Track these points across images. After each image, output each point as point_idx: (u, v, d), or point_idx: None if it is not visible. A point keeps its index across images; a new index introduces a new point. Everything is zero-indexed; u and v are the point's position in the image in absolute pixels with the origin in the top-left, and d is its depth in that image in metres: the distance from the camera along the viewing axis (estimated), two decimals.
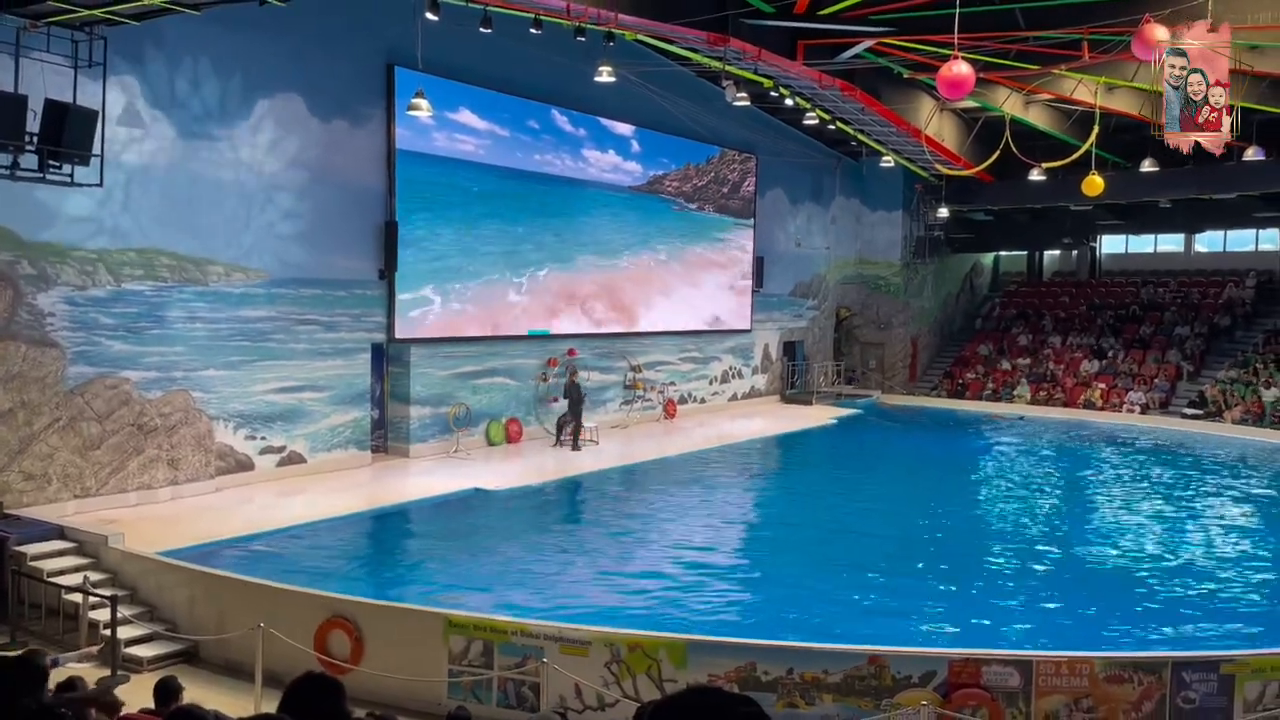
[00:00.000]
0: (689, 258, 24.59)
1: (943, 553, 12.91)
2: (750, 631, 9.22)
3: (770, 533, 14.26)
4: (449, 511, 14.43)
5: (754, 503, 16.84)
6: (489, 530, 13.57)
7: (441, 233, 18.07)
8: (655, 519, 14.64)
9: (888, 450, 21.85)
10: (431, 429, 18.08)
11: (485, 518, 14.25)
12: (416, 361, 17.78)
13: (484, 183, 18.91)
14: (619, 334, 22.46)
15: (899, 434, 24.16)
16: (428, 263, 17.81)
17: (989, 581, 11.80)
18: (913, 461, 20.37)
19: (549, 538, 13.30)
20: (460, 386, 18.64)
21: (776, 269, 28.03)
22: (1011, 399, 28.28)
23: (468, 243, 18.58)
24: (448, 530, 13.60)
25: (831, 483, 17.81)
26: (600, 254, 21.76)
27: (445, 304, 18.19)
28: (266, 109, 15.21)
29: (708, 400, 25.69)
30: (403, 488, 15.55)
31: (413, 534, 13.69)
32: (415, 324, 17.63)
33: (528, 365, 20.11)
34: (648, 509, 15.53)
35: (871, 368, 31.29)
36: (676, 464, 18.74)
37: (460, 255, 18.45)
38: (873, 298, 31.13)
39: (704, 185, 25.08)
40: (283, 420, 15.60)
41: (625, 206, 22.46)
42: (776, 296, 28.26)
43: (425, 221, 17.71)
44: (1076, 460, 20.73)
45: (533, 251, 20.01)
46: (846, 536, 13.64)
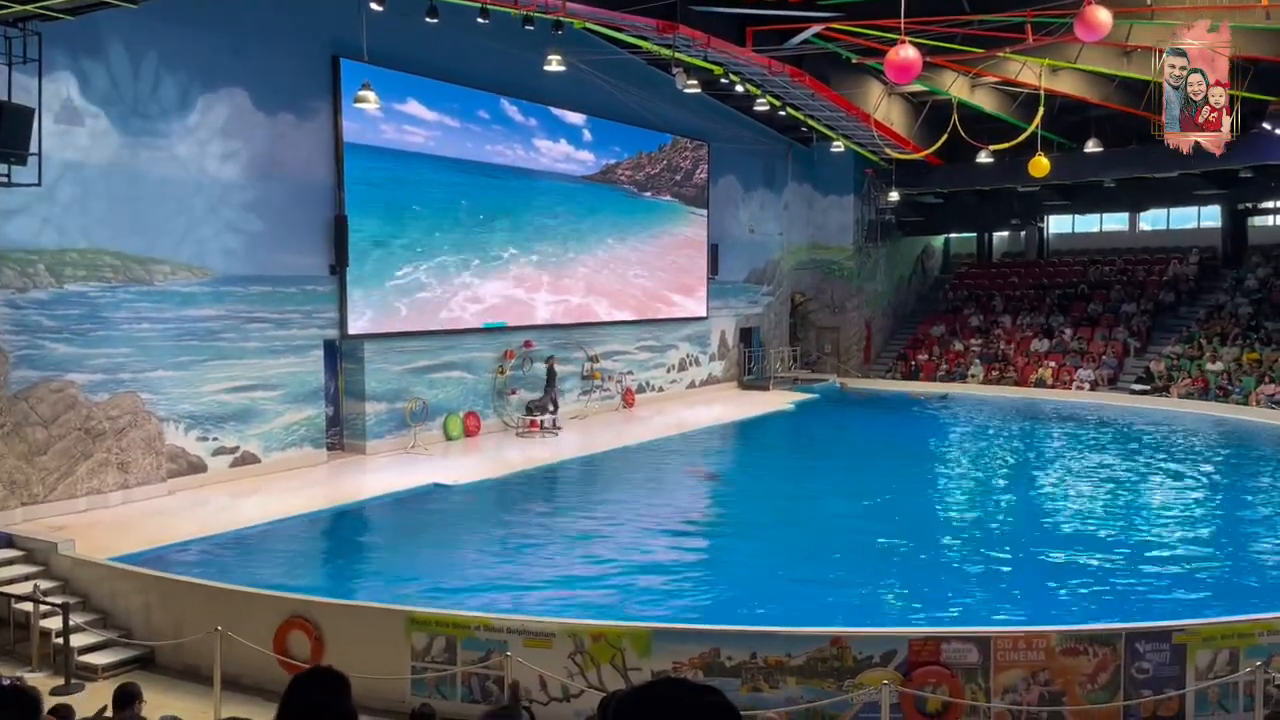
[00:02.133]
0: (643, 246, 24.59)
1: (901, 532, 13.08)
2: (713, 618, 9.28)
3: (731, 519, 14.35)
4: (408, 508, 14.34)
5: (714, 490, 16.92)
6: (449, 525, 13.51)
7: (393, 226, 17.90)
8: (616, 509, 14.65)
9: (845, 433, 22.06)
10: (388, 425, 17.95)
11: (445, 513, 14.17)
12: (370, 357, 17.63)
13: (435, 175, 18.75)
14: (575, 324, 22.40)
15: (855, 417, 24.42)
16: (379, 257, 17.64)
17: (946, 560, 11.98)
18: (869, 444, 20.59)
19: (510, 531, 13.27)
20: (416, 381, 18.51)
21: (731, 256, 28.13)
22: (965, 379, 28.69)
23: (420, 235, 18.43)
24: (407, 527, 13.51)
25: (791, 467, 17.97)
26: (554, 244, 21.70)
27: (399, 298, 18.03)
28: (210, 104, 14.93)
29: (666, 389, 25.75)
30: (360, 485, 15.44)
31: (371, 531, 13.59)
32: (368, 319, 17.46)
33: (484, 358, 20.01)
34: (608, 499, 15.54)
35: (827, 352, 31.53)
36: (636, 453, 18.77)
37: (412, 248, 18.30)
38: (827, 282, 31.36)
39: (656, 173, 25.06)
40: (235, 420, 15.40)
41: (578, 196, 22.40)
42: (732, 283, 28.37)
43: (376, 215, 17.53)
44: (1029, 438, 21.11)
45: (486, 243, 19.90)
46: (807, 520, 13.79)
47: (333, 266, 16.81)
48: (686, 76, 19.57)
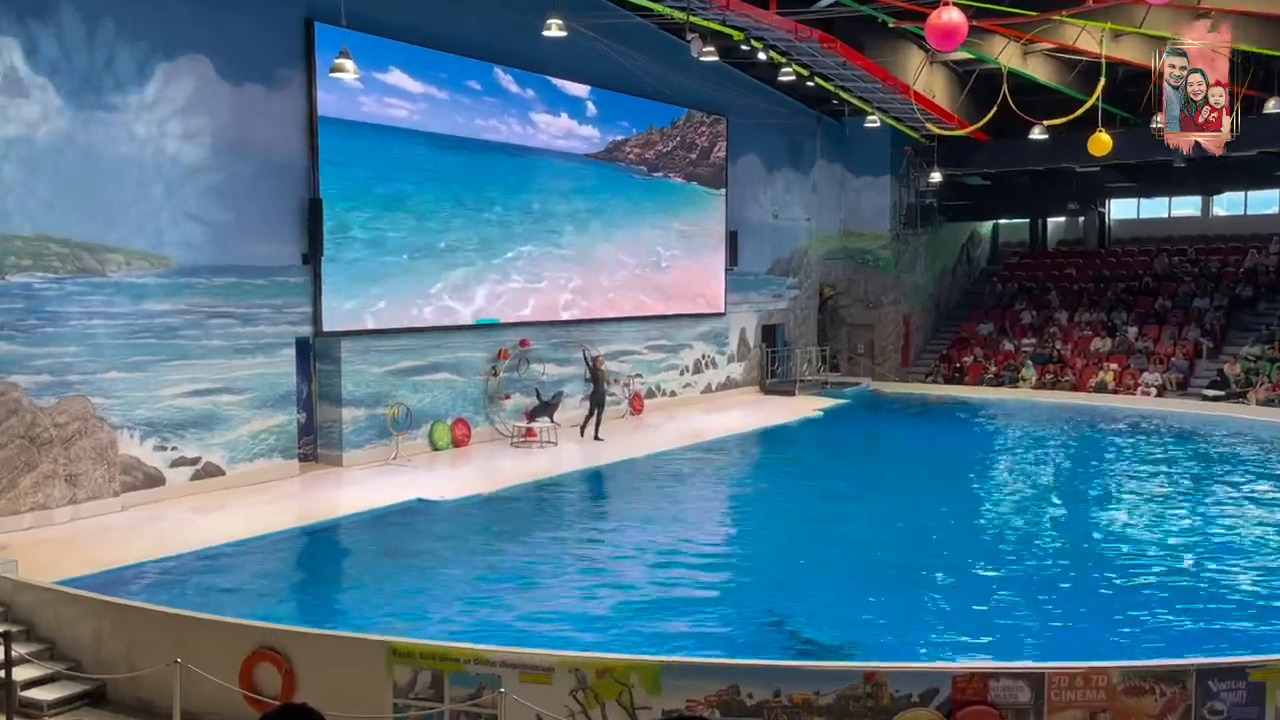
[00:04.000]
0: (653, 233, 24.62)
1: (944, 556, 13.07)
2: (732, 652, 9.26)
3: (752, 541, 14.34)
4: (389, 526, 14.37)
5: (733, 507, 16.95)
6: (435, 546, 13.55)
7: (373, 210, 17.97)
8: (622, 528, 14.68)
9: (881, 444, 22.04)
10: (367, 433, 18.00)
11: (430, 532, 14.21)
12: (348, 357, 17.68)
13: (420, 152, 18.80)
14: (577, 320, 22.47)
15: (892, 426, 24.40)
16: (358, 245, 17.70)
17: (995, 587, 11.96)
18: (907, 457, 20.58)
19: (503, 553, 13.29)
20: (399, 384, 18.55)
21: (752, 244, 28.12)
22: (1016, 383, 28.64)
23: (403, 221, 18.49)
24: (389, 546, 13.51)
25: (819, 483, 17.94)
26: (554, 230, 21.74)
27: (380, 291, 18.09)
28: (171, 75, 15.00)
29: (678, 393, 25.75)
30: (336, 500, 15.48)
31: (348, 552, 13.63)
32: (345, 315, 17.52)
33: (475, 358, 20.05)
34: (613, 517, 15.57)
35: (860, 352, 31.50)
36: (645, 465, 18.79)
37: (395, 235, 18.35)
38: (860, 274, 31.33)
39: (669, 151, 25.09)
40: (196, 428, 15.46)
41: (581, 176, 22.43)
42: (753, 275, 28.35)
43: (354, 198, 17.59)
44: (1089, 450, 21.05)
45: (478, 229, 19.95)
46: (837, 543, 13.77)
47: (306, 256, 16.86)
48: (703, 43, 19.56)
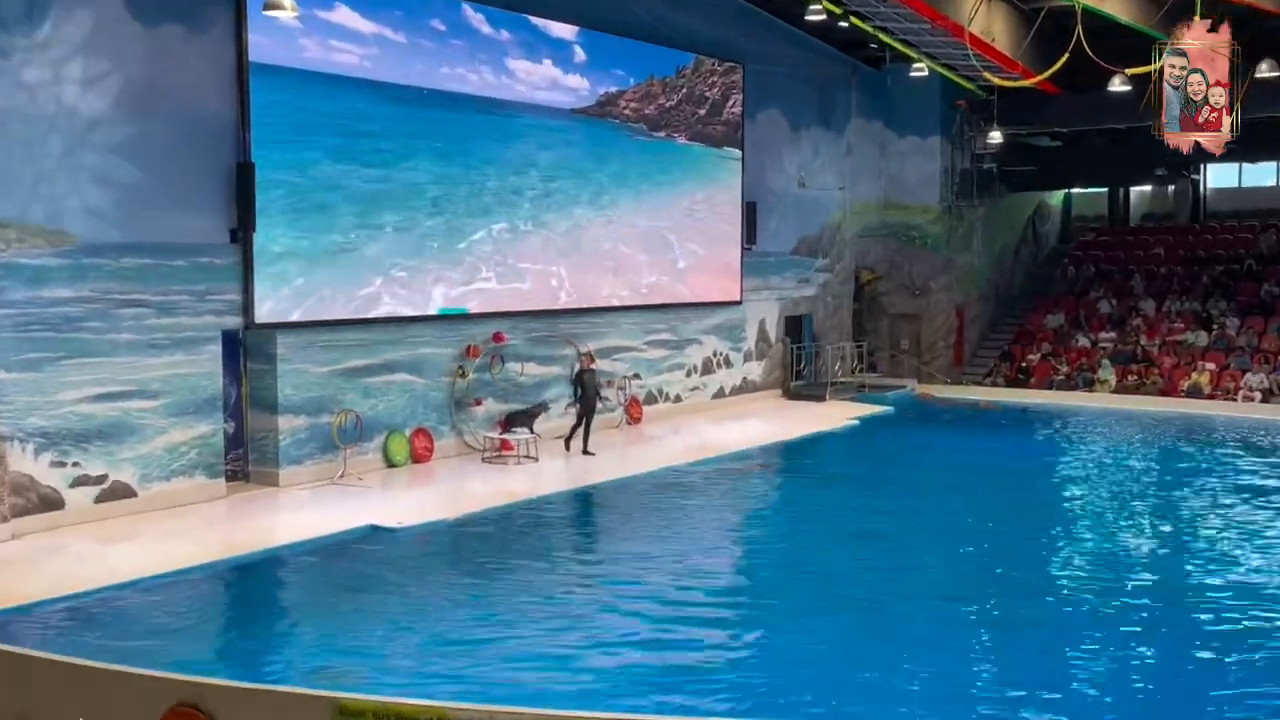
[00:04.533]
0: (655, 205, 24.61)
1: (1005, 605, 13.01)
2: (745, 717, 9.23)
3: (773, 585, 14.17)
4: (335, 559, 14.35)
5: (750, 540, 16.83)
6: (391, 583, 13.50)
7: (316, 177, 17.95)
8: (617, 563, 14.60)
9: (929, 462, 21.97)
10: (308, 446, 17.99)
11: (385, 566, 14.16)
12: (286, 354, 17.68)
13: (373, 107, 18.81)
14: (563, 310, 22.46)
15: (943, 439, 24.35)
16: (298, 218, 17.68)
17: (1066, 642, 11.90)
18: (963, 478, 20.45)
19: (472, 591, 13.26)
20: (347, 387, 18.54)
21: (774, 218, 28.11)
22: (1091, 386, 28.64)
23: (353, 190, 18.48)
24: (334, 584, 13.50)
25: (854, 510, 17.83)
26: (534, 201, 21.73)
27: (324, 275, 18.08)
28: (68, 10, 14.99)
29: (685, 398, 25.75)
30: (271, 528, 15.45)
31: (286, 590, 13.61)
32: (283, 303, 17.51)
33: (439, 356, 20.05)
34: (607, 550, 15.51)
35: (904, 349, 31.48)
36: (644, 486, 18.72)
37: (343, 207, 18.34)
38: (904, 254, 31.29)
39: (673, 106, 25.07)
40: (103, 439, 15.45)
41: (567, 136, 22.41)
42: (775, 256, 28.35)
43: (293, 162, 17.57)
44: (1181, 470, 20.96)
45: (443, 200, 19.94)
46: (874, 585, 13.69)
47: (234, 231, 16.86)
48: None
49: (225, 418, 17.14)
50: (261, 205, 17.00)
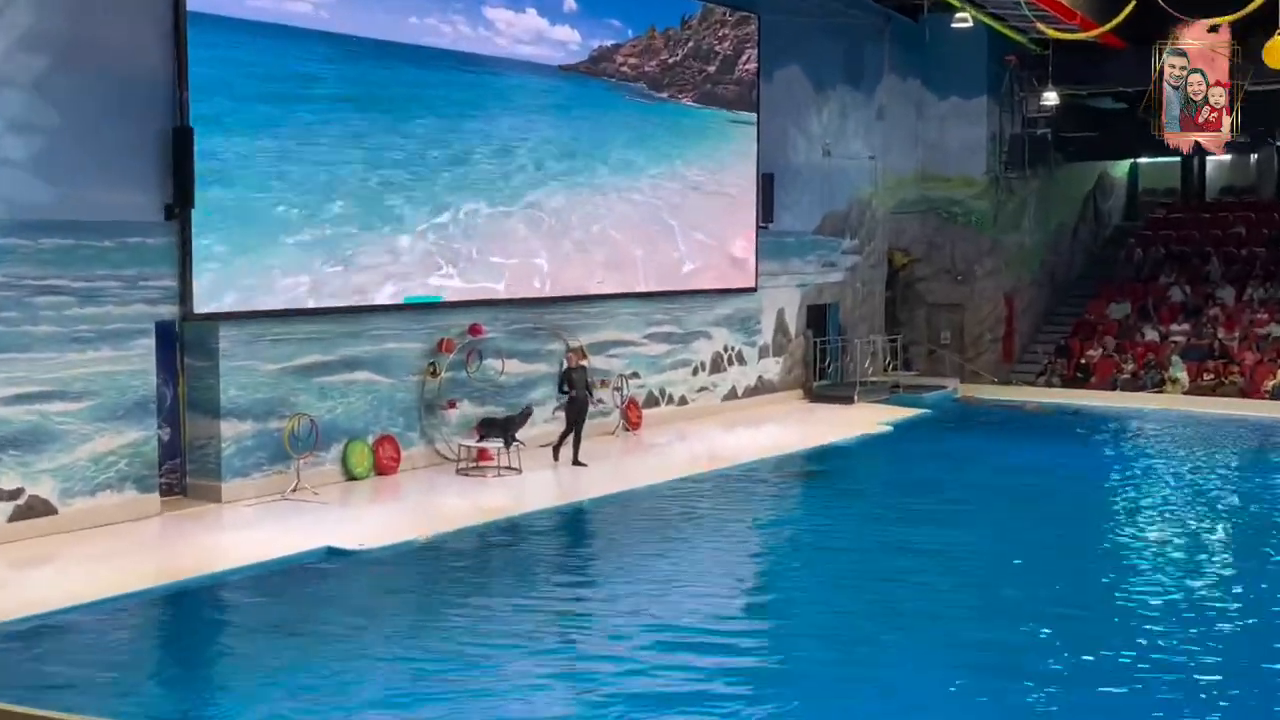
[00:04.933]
0: (657, 177, 24.58)
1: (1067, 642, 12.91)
2: None
3: (791, 621, 14.07)
4: (285, 586, 14.32)
5: (765, 567, 16.77)
6: (350, 615, 13.44)
7: (266, 144, 17.89)
8: (615, 593, 14.54)
9: (973, 478, 21.82)
10: (256, 456, 17.97)
11: (343, 596, 14.15)
12: (229, 349, 17.64)
13: (331, 65, 18.79)
14: (550, 299, 22.46)
15: (991, 450, 24.25)
16: (245, 192, 17.64)
17: (1139, 684, 11.83)
18: (1013, 498, 20.27)
19: (446, 626, 13.19)
20: (300, 387, 18.52)
21: (795, 192, 28.09)
22: (1161, 386, 28.63)
23: (309, 160, 18.43)
24: (284, 617, 13.47)
25: (887, 530, 17.74)
26: (518, 174, 21.68)
27: (274, 257, 18.05)
28: None
29: (692, 399, 25.76)
30: (211, 550, 15.40)
31: (229, 624, 13.50)
32: (226, 290, 17.46)
33: (407, 351, 20.04)
34: (600, 580, 15.42)
35: (945, 343, 31.44)
36: (642, 502, 18.73)
37: (296, 180, 18.30)
38: (945, 234, 31.27)
39: (678, 63, 25.02)
40: (16, 448, 15.42)
41: (555, 99, 22.39)
42: (795, 235, 28.34)
43: (238, 127, 17.52)
44: (1264, 489, 20.87)
45: (413, 173, 19.90)
46: (917, 621, 13.58)
47: (170, 208, 16.80)
48: None
49: (159, 423, 17.08)
50: (202, 177, 16.89)
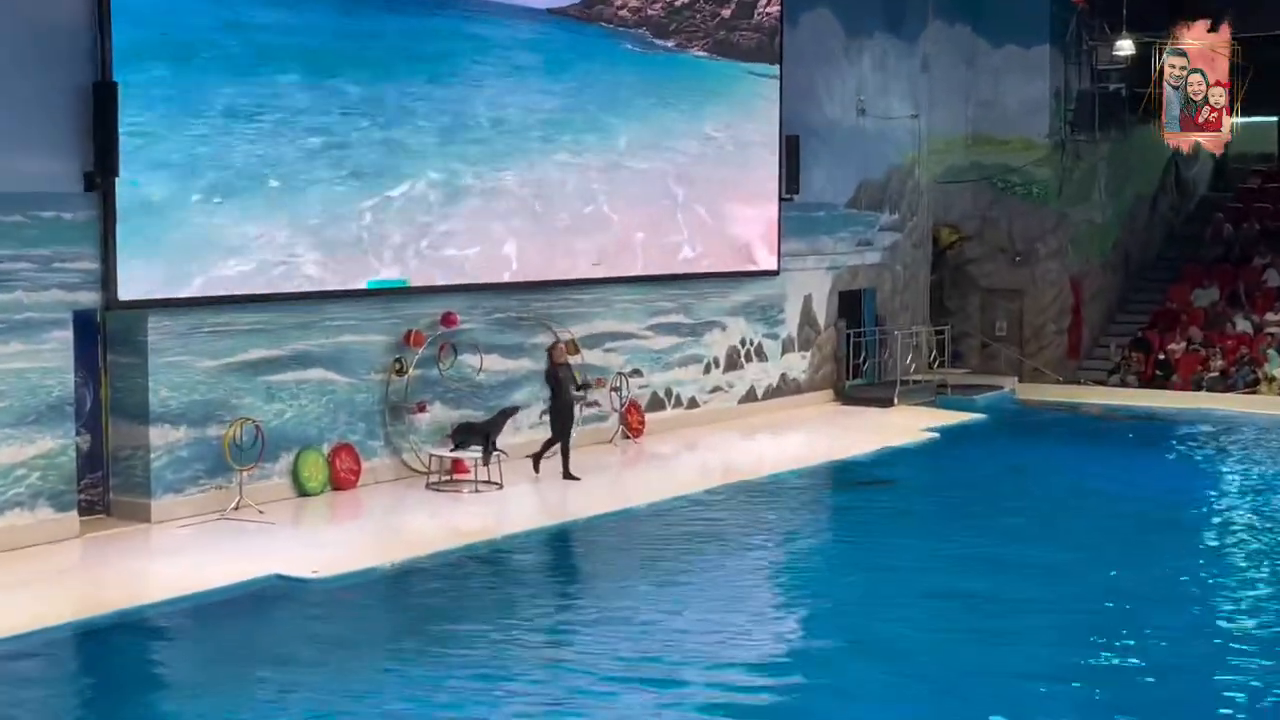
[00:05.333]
0: (662, 141, 24.57)
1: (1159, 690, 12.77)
2: None
3: (830, 666, 13.89)
4: (227, 622, 14.35)
5: (789, 604, 16.70)
6: (301, 655, 13.43)
7: (202, 103, 17.86)
8: (606, 634, 14.38)
9: (1035, 494, 21.80)
10: (192, 468, 17.95)
11: (294, 631, 14.19)
12: (160, 343, 17.62)
13: (278, 6, 18.79)
14: (536, 284, 22.48)
15: (1056, 462, 24.18)
16: (178, 160, 17.60)
17: None
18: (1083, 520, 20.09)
19: (408, 670, 13.09)
20: (244, 388, 18.50)
21: (824, 159, 28.09)
22: (1255, 386, 28.63)
23: (253, 121, 18.43)
24: (224, 657, 13.47)
25: (936, 561, 17.70)
26: (499, 137, 21.68)
27: (212, 235, 18.02)
28: None
29: (703, 402, 25.78)
30: (140, 579, 15.42)
31: (159, 666, 13.53)
32: (156, 274, 17.42)
33: (367, 345, 20.04)
34: (598, 610, 15.33)
35: (1001, 335, 31.39)
36: (645, 523, 18.79)
37: (240, 145, 18.28)
38: (1001, 207, 31.30)
39: (686, 5, 25.04)
40: None
41: (543, 50, 22.41)
42: (825, 209, 28.37)
43: (171, 83, 17.49)
44: None
45: (376, 135, 19.91)
46: (979, 669, 13.40)
47: (91, 177, 16.79)
48: None
49: (78, 430, 17.06)
50: (128, 141, 16.84)
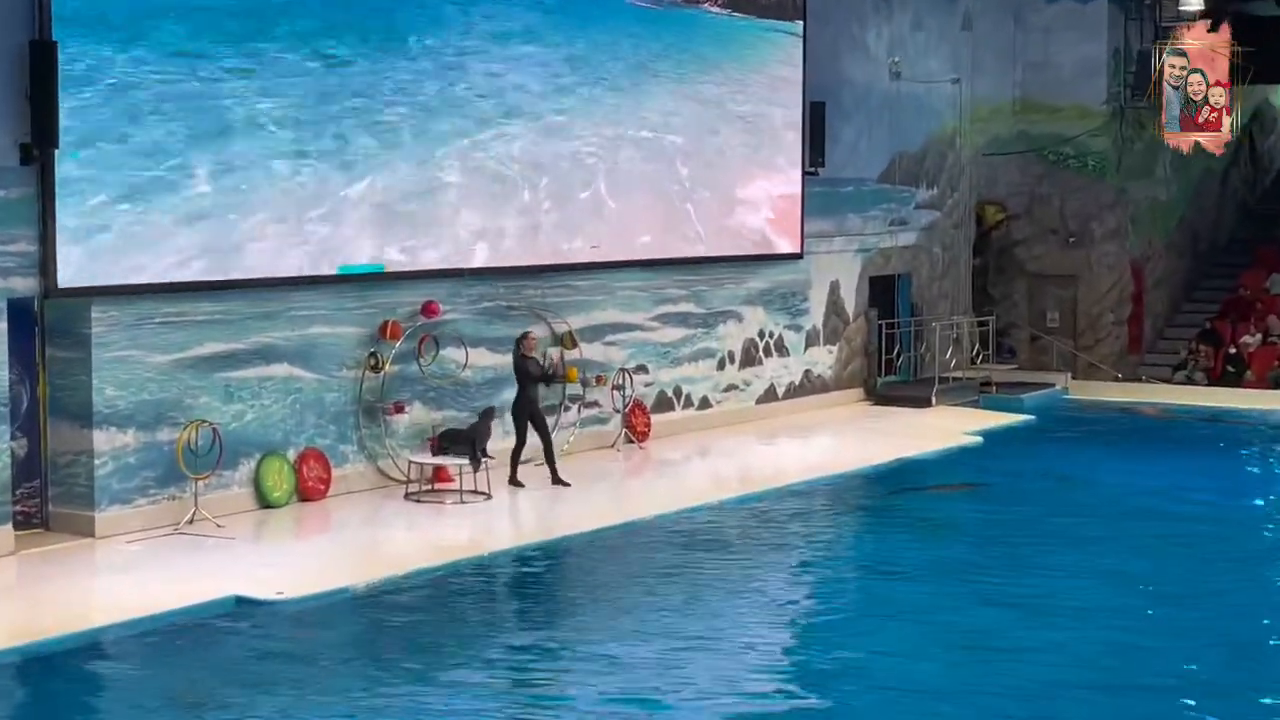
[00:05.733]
0: (669, 107, 24.68)
1: None
2: None
3: (860, 707, 13.91)
4: (181, 649, 14.39)
5: (813, 627, 16.72)
6: (264, 686, 13.48)
7: (152, 63, 17.93)
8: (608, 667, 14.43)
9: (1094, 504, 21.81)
10: (141, 476, 18.06)
11: (256, 660, 14.24)
12: (105, 335, 17.72)
13: None
14: (527, 269, 22.61)
15: (1115, 468, 24.24)
16: (125, 129, 17.70)
17: None
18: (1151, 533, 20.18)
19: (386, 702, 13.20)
20: (198, 386, 18.62)
21: (853, 127, 28.23)
22: None
23: (209, 86, 18.50)
24: (177, 689, 13.47)
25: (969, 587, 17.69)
26: (485, 104, 21.80)
27: (163, 214, 18.11)
28: None
29: (716, 401, 25.89)
30: (82, 601, 15.51)
31: (102, 699, 13.58)
32: (100, 257, 17.53)
33: (338, 338, 20.18)
34: (589, 640, 15.37)
35: (1053, 326, 31.37)
36: (650, 538, 18.90)
37: (193, 113, 18.36)
38: (1053, 182, 31.27)
39: None
40: None
41: (538, 7, 22.52)
42: (854, 184, 28.50)
43: (117, 39, 17.56)
44: None
45: (347, 102, 20.00)
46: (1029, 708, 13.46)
47: (27, 148, 16.90)
48: None
49: (12, 433, 17.14)
50: (68, 109, 16.95)
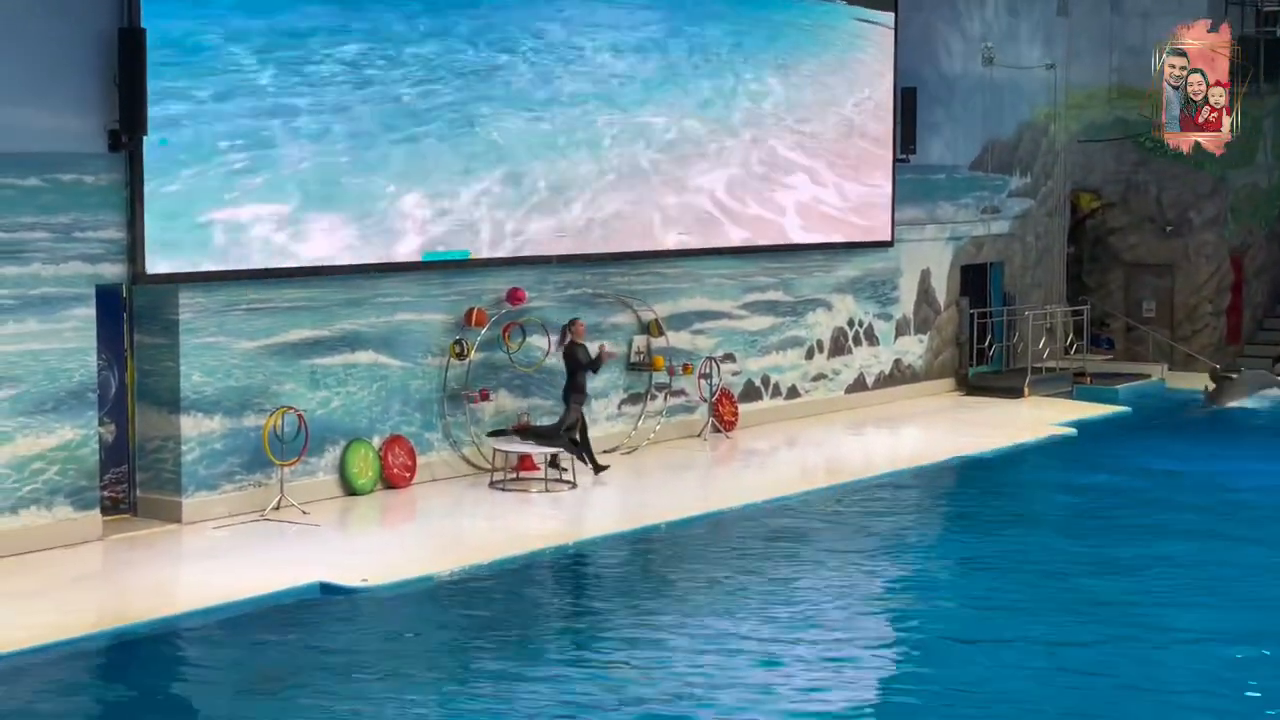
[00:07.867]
0: (757, 95, 24.59)
1: None
2: None
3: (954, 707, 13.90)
4: (266, 635, 14.44)
5: (904, 626, 16.44)
6: (349, 673, 13.53)
7: (242, 50, 17.98)
8: (690, 663, 14.29)
9: (1193, 501, 21.53)
10: (227, 463, 18.12)
11: (341, 647, 14.25)
12: (193, 321, 17.77)
13: None
14: (614, 256, 22.59)
15: (1215, 464, 24.02)
16: (214, 116, 17.73)
17: None
18: (1255, 531, 19.82)
19: (476, 687, 13.21)
20: (285, 373, 18.67)
21: (944, 115, 28.09)
22: None
23: (296, 70, 18.53)
24: (262, 675, 13.53)
25: (1064, 584, 17.40)
26: (576, 90, 21.78)
27: (251, 201, 18.16)
28: None
29: (805, 391, 25.82)
30: (169, 587, 15.57)
31: (188, 684, 13.63)
32: (188, 244, 17.57)
33: (424, 325, 20.20)
34: (678, 632, 15.28)
35: (1149, 316, 31.12)
36: (737, 528, 18.84)
37: (280, 98, 18.40)
38: (1150, 170, 31.00)
39: None
40: None
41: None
42: (945, 172, 28.38)
43: (206, 28, 17.58)
44: None
45: (434, 87, 19.99)
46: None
47: (116, 134, 16.90)
48: None
49: (101, 419, 17.20)
50: (157, 94, 16.94)
